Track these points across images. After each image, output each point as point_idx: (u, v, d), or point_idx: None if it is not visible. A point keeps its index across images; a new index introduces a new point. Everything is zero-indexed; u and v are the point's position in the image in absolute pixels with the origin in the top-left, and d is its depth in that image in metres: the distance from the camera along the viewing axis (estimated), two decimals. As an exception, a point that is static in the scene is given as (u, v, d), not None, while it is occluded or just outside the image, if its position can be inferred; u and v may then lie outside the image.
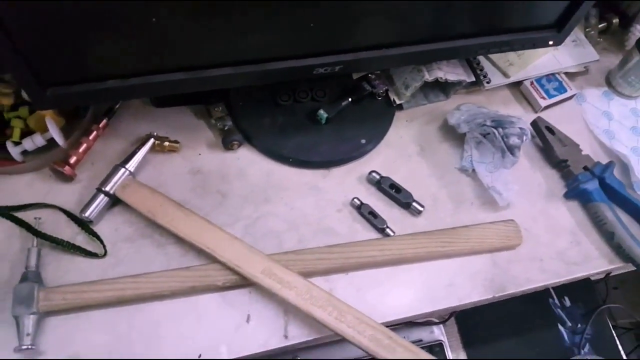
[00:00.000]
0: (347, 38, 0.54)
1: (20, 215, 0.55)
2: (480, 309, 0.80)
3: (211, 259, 0.54)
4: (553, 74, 0.71)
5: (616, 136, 0.69)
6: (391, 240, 0.57)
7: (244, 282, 0.54)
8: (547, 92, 0.69)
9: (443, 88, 0.69)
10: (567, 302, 0.85)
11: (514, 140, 0.59)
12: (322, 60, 0.54)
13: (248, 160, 0.62)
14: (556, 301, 0.84)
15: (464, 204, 0.62)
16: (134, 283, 0.52)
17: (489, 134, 0.61)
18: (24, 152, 0.57)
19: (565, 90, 0.70)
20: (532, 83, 0.70)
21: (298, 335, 0.53)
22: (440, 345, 0.76)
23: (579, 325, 0.83)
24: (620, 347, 0.82)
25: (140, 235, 0.56)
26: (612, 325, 0.84)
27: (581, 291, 0.86)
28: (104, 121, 0.61)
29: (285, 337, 0.53)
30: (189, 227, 0.54)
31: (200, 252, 0.55)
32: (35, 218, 0.55)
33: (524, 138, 0.60)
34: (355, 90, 0.65)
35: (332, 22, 0.51)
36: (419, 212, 0.60)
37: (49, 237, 0.54)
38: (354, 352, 0.74)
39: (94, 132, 0.60)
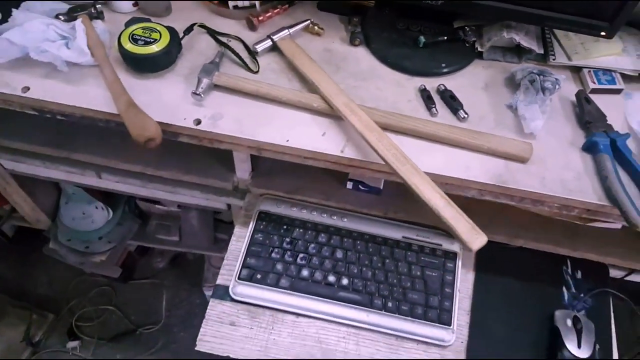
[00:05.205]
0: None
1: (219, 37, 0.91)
2: (502, 248, 0.98)
3: (316, 92, 0.83)
4: (610, 71, 0.89)
5: (648, 127, 0.84)
6: (434, 122, 0.81)
7: (331, 112, 0.82)
8: (599, 80, 0.88)
9: (518, 53, 0.92)
10: (579, 275, 0.97)
11: (547, 85, 0.80)
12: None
13: (362, 55, 0.91)
14: (569, 270, 0.97)
15: (500, 126, 0.83)
16: (267, 86, 0.83)
17: (534, 81, 0.82)
18: (235, 7, 0.93)
19: (615, 83, 0.88)
20: (589, 71, 0.89)
21: (349, 154, 0.79)
22: (454, 255, 0.94)
23: (582, 295, 0.94)
24: (612, 326, 0.92)
25: (280, 71, 0.88)
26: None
27: (595, 273, 0.98)
28: (286, 6, 0.95)
29: (342, 151, 0.79)
30: (309, 68, 0.84)
31: (311, 88, 0.84)
32: (227, 39, 0.90)
33: (556, 86, 0.80)
34: (452, 34, 0.91)
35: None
36: (463, 118, 0.83)
37: (232, 49, 0.88)
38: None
39: (278, 10, 0.94)
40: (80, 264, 1.41)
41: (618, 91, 0.88)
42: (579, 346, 0.86)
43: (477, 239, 0.67)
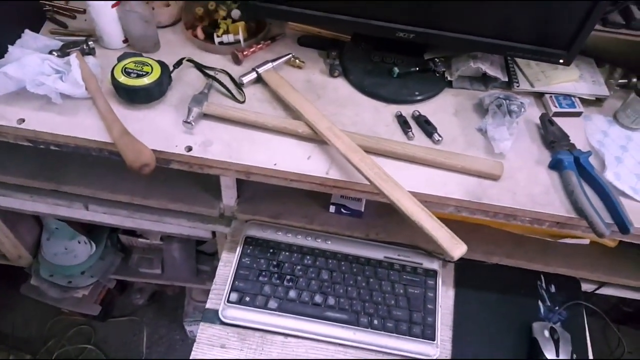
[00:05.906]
0: (422, 17, 0.89)
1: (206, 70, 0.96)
2: (479, 265, 1.02)
3: (300, 119, 0.88)
4: (570, 96, 0.97)
5: (606, 145, 0.92)
6: (411, 144, 0.87)
7: (315, 137, 0.87)
8: (560, 104, 0.96)
9: (484, 81, 0.99)
10: (553, 289, 1.02)
11: (513, 108, 0.87)
12: (402, 27, 0.90)
13: (340, 84, 0.98)
14: (543, 284, 1.02)
15: (472, 148, 0.90)
16: (254, 114, 0.88)
17: (501, 105, 0.89)
18: (220, 43, 0.99)
19: (575, 107, 0.95)
20: (551, 96, 0.97)
21: (334, 175, 0.83)
22: (435, 273, 0.98)
23: (557, 308, 0.99)
24: (587, 335, 0.96)
25: (265, 100, 0.93)
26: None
27: (568, 287, 1.03)
28: (269, 41, 1.02)
29: (327, 173, 0.84)
30: (293, 97, 0.90)
31: (295, 116, 0.89)
32: (214, 72, 0.95)
33: (522, 109, 0.87)
34: (423, 65, 0.98)
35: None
36: (438, 141, 0.89)
37: (220, 81, 0.93)
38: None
39: (261, 45, 1.00)
40: (62, 300, 1.39)
41: (578, 114, 0.96)
42: (557, 355, 0.90)
43: (457, 248, 0.71)
